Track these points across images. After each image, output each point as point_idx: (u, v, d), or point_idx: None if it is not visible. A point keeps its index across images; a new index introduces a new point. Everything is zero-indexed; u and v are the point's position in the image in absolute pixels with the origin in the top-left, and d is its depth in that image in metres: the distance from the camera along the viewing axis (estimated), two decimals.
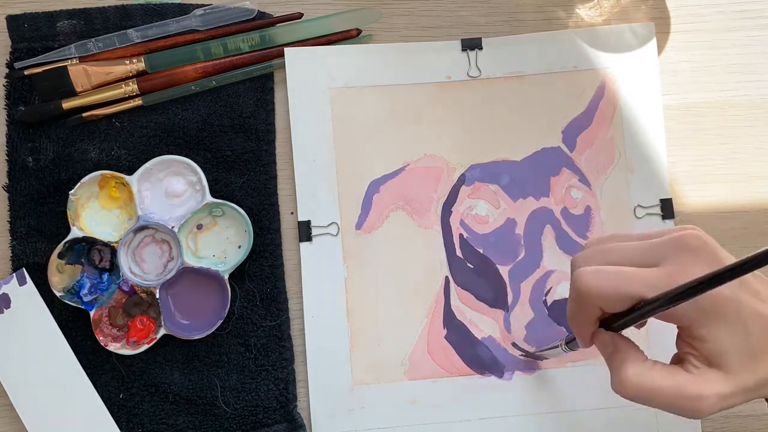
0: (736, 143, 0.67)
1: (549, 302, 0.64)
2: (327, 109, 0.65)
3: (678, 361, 0.46)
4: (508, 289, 0.64)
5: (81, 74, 0.64)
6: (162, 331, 0.61)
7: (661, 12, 0.68)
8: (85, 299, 0.62)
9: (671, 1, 0.68)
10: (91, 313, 0.61)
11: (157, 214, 0.63)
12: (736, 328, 0.44)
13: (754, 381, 0.45)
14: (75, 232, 0.61)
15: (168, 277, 0.62)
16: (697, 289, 0.40)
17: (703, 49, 0.68)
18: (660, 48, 0.67)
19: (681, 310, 0.43)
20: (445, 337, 0.64)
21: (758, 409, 0.64)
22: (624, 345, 0.46)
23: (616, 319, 0.46)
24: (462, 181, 0.65)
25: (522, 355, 0.64)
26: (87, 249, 0.63)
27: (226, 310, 0.62)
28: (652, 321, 0.46)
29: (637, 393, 0.45)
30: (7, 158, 0.64)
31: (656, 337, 0.63)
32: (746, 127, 0.67)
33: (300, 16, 0.66)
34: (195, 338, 0.62)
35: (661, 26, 0.68)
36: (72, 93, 0.64)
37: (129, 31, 0.65)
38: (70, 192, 0.62)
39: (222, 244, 0.64)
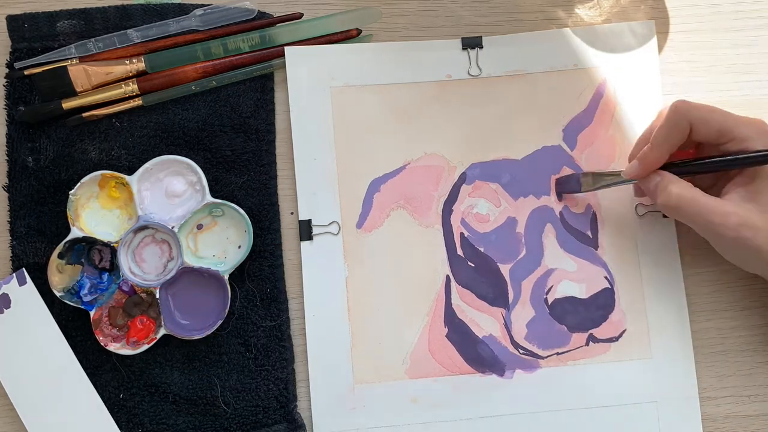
0: None
1: (550, 301, 0.64)
2: (328, 107, 0.65)
3: (724, 194, 0.57)
4: (509, 288, 0.64)
5: (81, 74, 0.64)
6: (162, 331, 0.61)
7: (660, 12, 0.68)
8: (85, 299, 0.62)
9: (671, 1, 0.68)
10: (91, 313, 0.61)
11: (157, 214, 0.63)
12: None
13: None
14: (75, 232, 0.61)
15: (168, 277, 0.62)
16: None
17: (703, 49, 0.68)
18: (660, 48, 0.67)
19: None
20: (446, 336, 0.64)
21: (759, 409, 0.64)
22: (671, 175, 0.56)
23: (683, 164, 0.57)
24: (463, 179, 0.65)
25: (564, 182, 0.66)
26: (87, 249, 0.63)
27: (226, 310, 0.62)
28: None
29: (681, 205, 0.55)
30: (7, 158, 0.64)
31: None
32: None
33: (300, 16, 0.66)
34: (195, 338, 0.62)
35: (661, 26, 0.68)
36: (72, 93, 0.64)
37: (129, 31, 0.65)
38: (70, 192, 0.61)
39: (222, 244, 0.64)
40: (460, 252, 0.65)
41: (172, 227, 0.62)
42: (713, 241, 0.58)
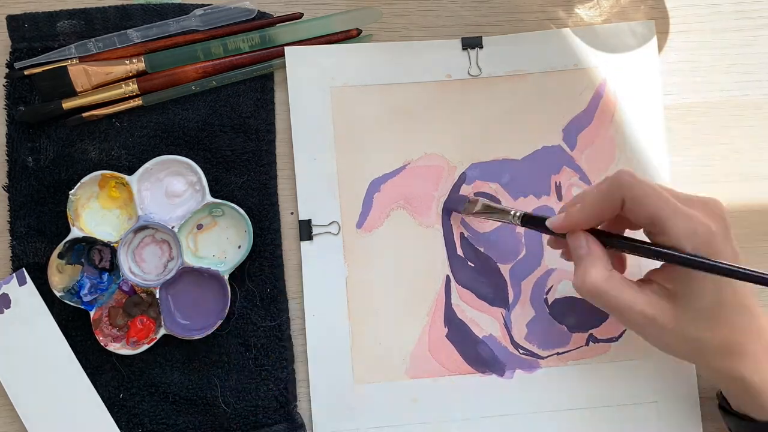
0: (736, 143, 0.67)
1: (550, 301, 0.64)
2: (328, 107, 0.65)
3: (647, 280, 0.54)
4: (509, 288, 0.64)
5: (81, 74, 0.64)
6: (162, 331, 0.61)
7: (660, 12, 0.68)
8: (85, 299, 0.62)
9: (671, 1, 0.68)
10: (91, 313, 0.61)
11: (157, 214, 0.63)
12: (712, 288, 0.50)
13: (703, 338, 0.51)
14: (75, 232, 0.61)
15: (168, 277, 0.62)
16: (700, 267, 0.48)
17: (703, 49, 0.68)
18: (660, 48, 0.67)
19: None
20: (446, 336, 0.64)
21: None
22: (597, 251, 0.52)
23: (609, 239, 0.52)
24: (463, 179, 0.65)
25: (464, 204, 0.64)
26: (87, 249, 0.63)
27: (226, 310, 0.62)
28: None
29: (594, 294, 0.51)
30: (7, 158, 0.64)
31: None
32: (746, 127, 0.67)
33: (300, 16, 0.66)
34: (195, 338, 0.62)
35: (661, 26, 0.68)
36: (72, 93, 0.64)
37: (129, 31, 0.65)
38: (70, 192, 0.61)
39: (222, 244, 0.64)
40: (460, 252, 0.65)
41: (172, 227, 0.62)
42: None
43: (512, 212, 0.58)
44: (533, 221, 0.57)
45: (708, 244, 0.48)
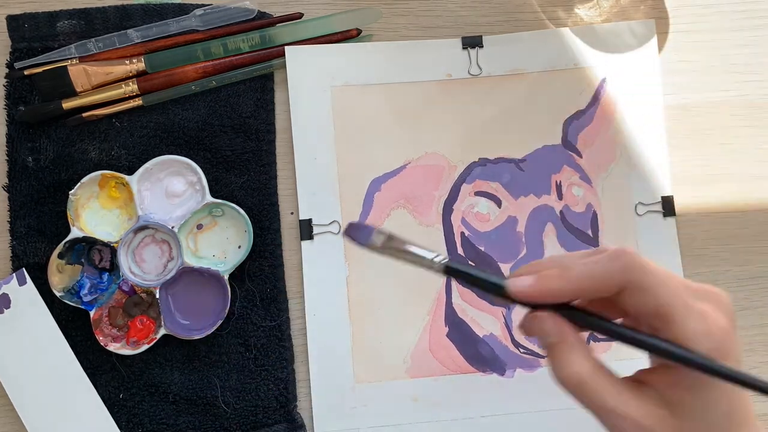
0: (736, 143, 0.67)
1: None
2: (328, 107, 0.65)
3: (636, 380, 0.42)
4: None
5: (81, 74, 0.64)
6: (162, 331, 0.61)
7: (660, 12, 0.68)
8: (85, 299, 0.62)
9: (671, 1, 0.68)
10: (91, 313, 0.61)
11: (157, 214, 0.63)
12: (726, 399, 0.41)
13: None
14: (75, 232, 0.61)
15: (168, 277, 0.62)
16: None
17: (703, 49, 0.68)
18: (660, 48, 0.67)
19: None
20: (447, 335, 0.64)
21: (759, 409, 0.64)
22: (574, 338, 0.41)
23: (587, 320, 0.41)
24: (463, 179, 0.65)
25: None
26: (87, 249, 0.63)
27: (226, 310, 0.62)
28: None
29: (576, 392, 0.41)
30: (7, 158, 0.64)
31: None
32: (746, 127, 0.67)
33: (300, 16, 0.66)
34: (195, 338, 0.62)
35: (661, 26, 0.68)
36: (72, 93, 0.64)
37: (129, 31, 0.65)
38: (70, 192, 0.61)
39: (222, 244, 0.64)
40: (460, 251, 0.65)
41: (172, 227, 0.62)
42: None
43: (434, 258, 0.43)
44: (464, 276, 0.42)
45: (722, 344, 0.39)
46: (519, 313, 0.64)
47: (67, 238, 0.61)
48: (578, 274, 0.40)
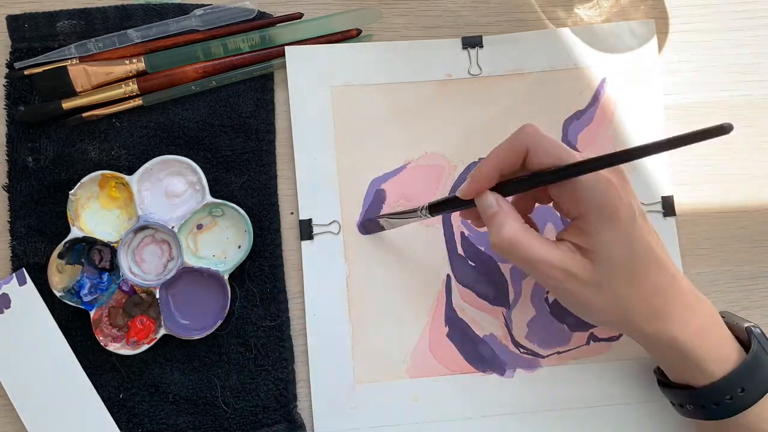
0: (736, 143, 0.67)
1: (550, 300, 0.64)
2: (328, 107, 0.65)
3: (557, 239, 0.53)
4: (510, 287, 0.64)
5: (81, 74, 0.64)
6: (162, 331, 0.61)
7: (660, 12, 0.68)
8: (85, 299, 0.62)
9: (671, 1, 0.68)
10: (91, 313, 0.61)
11: (157, 214, 0.63)
12: (623, 239, 0.50)
13: (624, 295, 0.51)
14: (75, 232, 0.61)
15: (168, 277, 0.62)
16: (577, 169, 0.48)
17: (703, 49, 0.68)
18: (660, 48, 0.67)
19: (582, 199, 0.50)
20: (447, 335, 0.64)
21: None
22: (507, 207, 0.52)
23: (508, 186, 0.52)
24: (463, 178, 0.65)
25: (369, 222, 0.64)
26: (87, 249, 0.63)
27: (226, 310, 0.62)
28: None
29: (511, 249, 0.51)
30: (7, 158, 0.64)
31: None
32: (746, 127, 0.67)
33: (300, 16, 0.66)
34: (195, 338, 0.62)
35: (661, 26, 0.68)
36: (72, 93, 0.64)
37: (129, 31, 0.65)
38: (70, 192, 0.61)
39: (222, 244, 0.64)
40: (460, 251, 0.65)
41: (172, 227, 0.62)
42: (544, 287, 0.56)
43: (418, 208, 0.57)
44: (441, 205, 0.56)
45: (608, 189, 0.49)
46: (519, 313, 0.64)
47: (67, 238, 0.61)
48: (494, 155, 0.52)
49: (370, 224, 0.64)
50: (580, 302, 0.53)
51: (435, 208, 0.56)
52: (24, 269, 0.62)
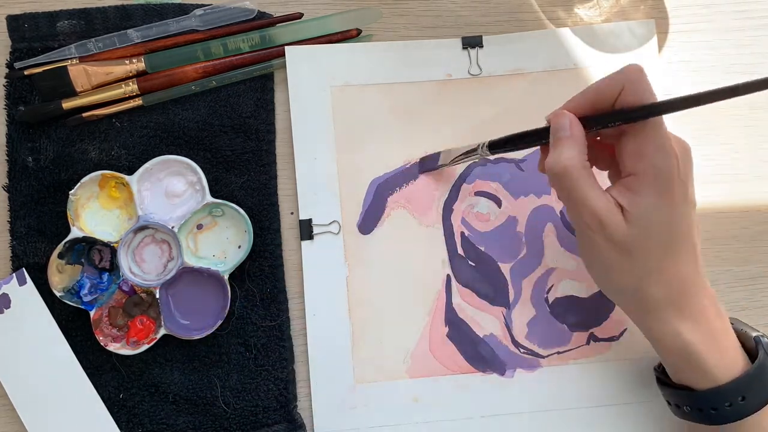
0: (736, 143, 0.67)
1: (550, 300, 0.64)
2: (328, 107, 0.65)
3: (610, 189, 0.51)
4: (510, 287, 0.64)
5: (81, 74, 0.64)
6: (162, 331, 0.61)
7: (660, 12, 0.68)
8: (85, 299, 0.62)
9: (671, 1, 0.68)
10: (91, 313, 0.61)
11: (157, 214, 0.63)
12: (666, 212, 0.49)
13: (648, 268, 0.51)
14: (75, 232, 0.61)
15: (168, 277, 0.62)
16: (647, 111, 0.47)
17: (703, 49, 0.68)
18: (660, 48, 0.67)
19: (645, 156, 0.49)
20: (447, 335, 0.64)
21: None
22: (579, 135, 0.50)
23: (588, 120, 0.50)
24: (463, 179, 0.65)
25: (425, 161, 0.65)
26: (87, 249, 0.63)
27: (226, 310, 0.62)
28: None
29: (563, 178, 0.49)
30: (7, 158, 0.64)
31: None
32: (746, 127, 0.67)
33: (300, 16, 0.66)
34: (195, 338, 0.62)
35: (661, 26, 0.68)
36: (72, 93, 0.64)
37: (129, 31, 0.65)
38: (70, 192, 0.61)
39: (222, 244, 0.64)
40: (460, 251, 0.65)
41: (172, 227, 0.62)
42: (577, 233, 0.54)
43: (478, 146, 0.57)
44: (505, 142, 0.55)
45: (670, 159, 0.48)
46: (519, 313, 0.64)
47: (67, 238, 0.61)
48: (590, 87, 0.50)
49: (429, 159, 0.64)
50: (602, 260, 0.52)
51: (497, 145, 0.55)
52: (24, 269, 0.62)
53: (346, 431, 0.63)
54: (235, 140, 0.65)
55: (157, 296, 0.62)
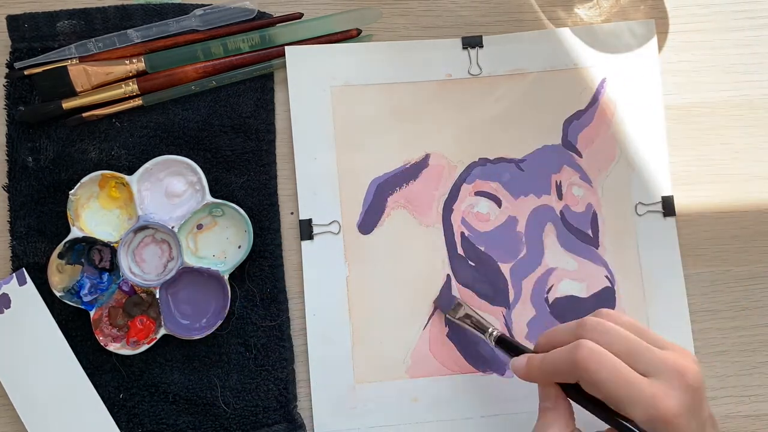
0: (736, 143, 0.67)
1: (550, 300, 0.64)
2: (328, 107, 0.65)
3: None
4: (510, 287, 0.64)
5: (81, 74, 0.64)
6: (162, 331, 0.61)
7: (660, 12, 0.68)
8: (85, 299, 0.62)
9: (671, 1, 0.68)
10: (91, 313, 0.61)
11: (157, 214, 0.63)
12: None
13: None
14: (75, 232, 0.61)
15: (168, 277, 0.62)
16: None
17: (703, 49, 0.68)
18: (660, 48, 0.67)
19: None
20: (447, 335, 0.64)
21: (759, 409, 0.64)
22: (563, 408, 0.49)
23: (577, 393, 0.49)
24: (463, 179, 0.65)
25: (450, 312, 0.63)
26: (87, 249, 0.63)
27: (226, 310, 0.62)
28: None
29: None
30: (7, 158, 0.64)
31: None
32: (746, 127, 0.67)
33: (300, 16, 0.66)
34: (195, 338, 0.62)
35: (661, 26, 0.68)
36: (72, 93, 0.64)
37: (129, 31, 0.65)
38: (70, 192, 0.61)
39: (222, 244, 0.64)
40: (460, 251, 0.65)
41: (172, 227, 0.62)
42: None
43: (489, 330, 0.59)
44: (507, 346, 0.57)
45: (667, 427, 0.45)
46: (519, 313, 0.64)
47: (67, 238, 0.61)
48: (549, 367, 0.50)
49: (446, 299, 0.64)
50: None
51: (502, 344, 0.58)
52: (24, 269, 0.62)
53: (345, 431, 0.63)
54: (235, 140, 0.65)
55: (157, 296, 0.62)
